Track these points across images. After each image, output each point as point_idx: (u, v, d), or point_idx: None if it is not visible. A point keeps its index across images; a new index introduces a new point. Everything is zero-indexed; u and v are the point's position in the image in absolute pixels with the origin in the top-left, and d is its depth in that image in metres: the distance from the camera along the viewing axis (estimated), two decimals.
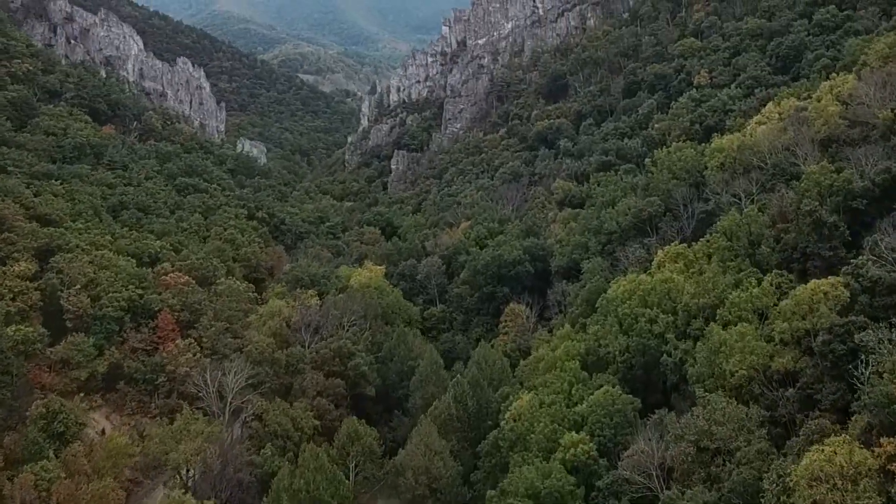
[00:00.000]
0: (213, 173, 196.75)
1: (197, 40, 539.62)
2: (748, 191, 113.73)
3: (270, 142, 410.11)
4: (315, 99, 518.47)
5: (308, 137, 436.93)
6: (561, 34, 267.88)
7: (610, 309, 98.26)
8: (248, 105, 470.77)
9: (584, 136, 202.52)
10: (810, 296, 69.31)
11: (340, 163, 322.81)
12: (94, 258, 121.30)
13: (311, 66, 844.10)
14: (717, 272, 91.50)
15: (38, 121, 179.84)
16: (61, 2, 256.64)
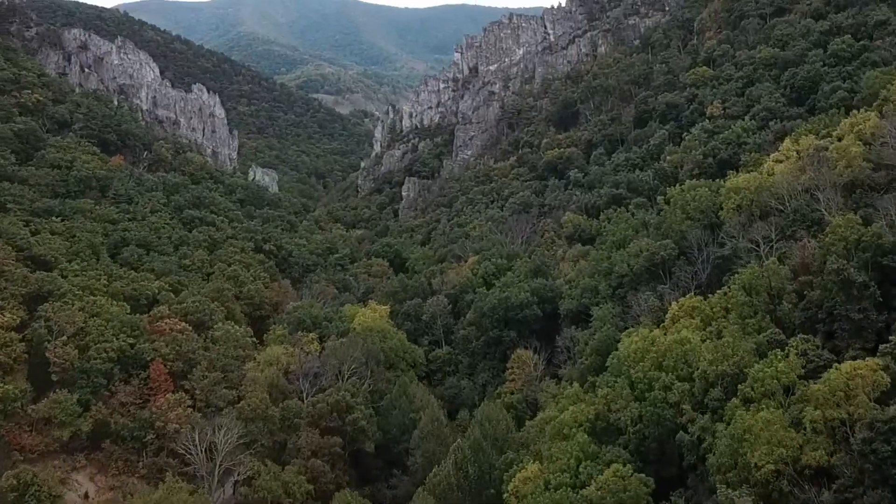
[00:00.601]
0: (220, 205, 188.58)
1: (217, 64, 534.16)
2: (767, 237, 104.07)
3: (287, 164, 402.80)
4: (332, 121, 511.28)
5: (324, 160, 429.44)
6: (572, 61, 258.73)
7: (621, 370, 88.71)
8: (267, 128, 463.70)
9: (595, 166, 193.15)
10: (846, 381, 59.50)
11: (353, 188, 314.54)
12: (85, 305, 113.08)
13: (332, 86, 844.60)
14: (737, 335, 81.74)
15: (45, 153, 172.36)
16: (76, 30, 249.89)
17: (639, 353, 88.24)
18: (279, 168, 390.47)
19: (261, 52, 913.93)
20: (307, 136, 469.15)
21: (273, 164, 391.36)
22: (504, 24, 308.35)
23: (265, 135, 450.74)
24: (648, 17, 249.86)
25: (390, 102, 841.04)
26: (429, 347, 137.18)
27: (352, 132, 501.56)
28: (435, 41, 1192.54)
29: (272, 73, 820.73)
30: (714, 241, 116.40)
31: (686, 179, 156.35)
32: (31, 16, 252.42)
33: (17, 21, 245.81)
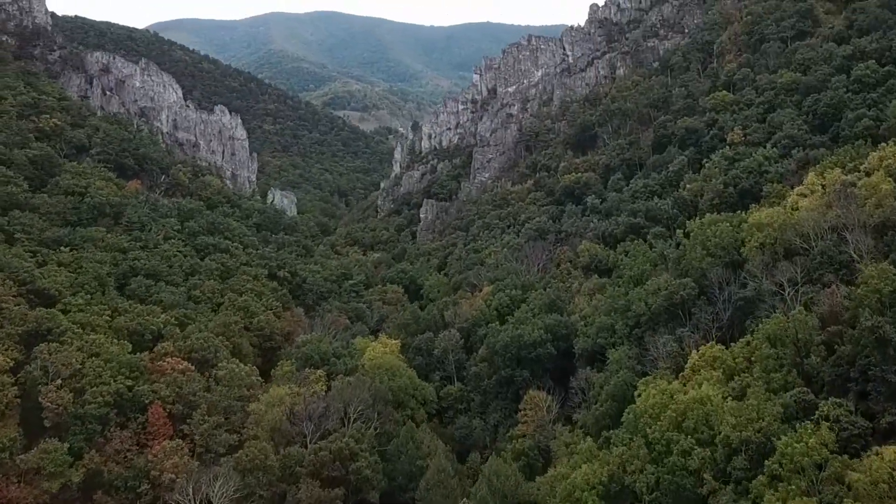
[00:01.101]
0: (235, 230, 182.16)
1: (244, 83, 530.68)
2: (792, 279, 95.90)
3: (310, 183, 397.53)
4: (355, 139, 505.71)
5: (347, 178, 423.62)
6: (590, 83, 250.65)
7: (638, 426, 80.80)
8: (292, 146, 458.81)
9: (612, 191, 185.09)
10: (889, 471, 51.38)
11: (373, 208, 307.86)
12: (84, 344, 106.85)
13: (358, 103, 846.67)
14: (762, 396, 73.69)
15: (59, 179, 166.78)
16: (98, 53, 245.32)
17: (656, 409, 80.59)
18: (302, 186, 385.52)
19: (290, 69, 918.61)
20: (331, 155, 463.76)
21: (296, 183, 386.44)
22: (523, 46, 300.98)
23: (290, 153, 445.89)
24: (668, 40, 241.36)
25: (414, 119, 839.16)
26: (440, 383, 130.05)
27: (375, 150, 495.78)
28: (459, 58, 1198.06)
29: (301, 90, 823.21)
30: (735, 280, 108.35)
31: (706, 209, 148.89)
32: (54, 38, 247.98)
33: (41, 44, 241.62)
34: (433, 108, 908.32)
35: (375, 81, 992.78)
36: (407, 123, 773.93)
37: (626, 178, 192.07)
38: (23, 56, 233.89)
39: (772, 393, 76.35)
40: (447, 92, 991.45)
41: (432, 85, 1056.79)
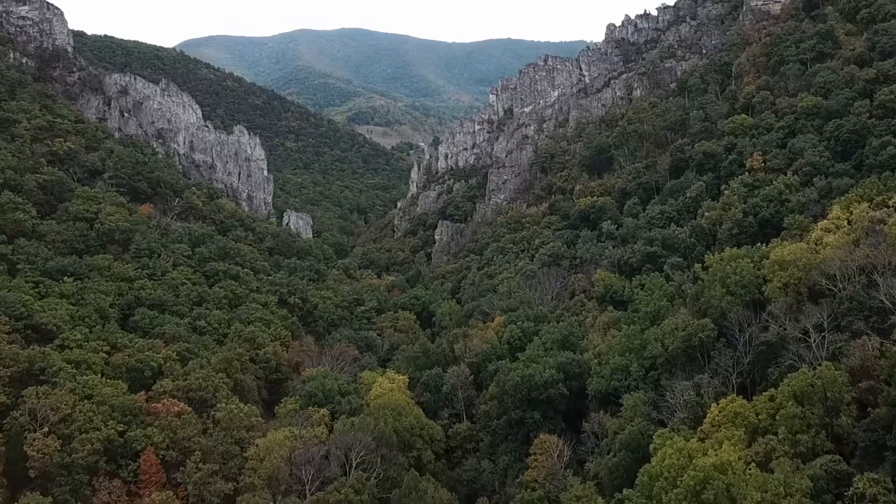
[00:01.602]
0: (246, 256, 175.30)
1: (267, 101, 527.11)
2: (818, 325, 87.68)
3: (330, 200, 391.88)
4: (375, 156, 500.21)
5: (366, 195, 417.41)
6: (606, 104, 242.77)
7: (653, 491, 72.60)
8: (313, 163, 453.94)
9: (629, 217, 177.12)
10: None
11: (390, 227, 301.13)
12: (76, 386, 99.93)
13: (381, 118, 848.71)
14: (789, 466, 65.56)
15: (69, 205, 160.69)
16: (116, 75, 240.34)
17: (673, 471, 72.26)
18: (322, 204, 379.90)
19: (317, 84, 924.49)
20: (351, 171, 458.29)
21: (317, 201, 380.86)
22: (539, 66, 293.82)
23: (311, 170, 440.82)
24: (685, 61, 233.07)
25: (435, 133, 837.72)
26: (448, 421, 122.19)
27: (394, 167, 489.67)
28: (479, 74, 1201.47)
29: (327, 105, 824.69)
30: (757, 321, 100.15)
31: (725, 239, 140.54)
32: (74, 60, 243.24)
33: (61, 66, 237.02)
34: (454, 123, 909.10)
35: (399, 97, 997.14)
36: (428, 138, 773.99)
37: (642, 203, 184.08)
38: (42, 78, 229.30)
39: (799, 459, 68.26)
40: (468, 106, 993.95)
41: (453, 100, 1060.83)
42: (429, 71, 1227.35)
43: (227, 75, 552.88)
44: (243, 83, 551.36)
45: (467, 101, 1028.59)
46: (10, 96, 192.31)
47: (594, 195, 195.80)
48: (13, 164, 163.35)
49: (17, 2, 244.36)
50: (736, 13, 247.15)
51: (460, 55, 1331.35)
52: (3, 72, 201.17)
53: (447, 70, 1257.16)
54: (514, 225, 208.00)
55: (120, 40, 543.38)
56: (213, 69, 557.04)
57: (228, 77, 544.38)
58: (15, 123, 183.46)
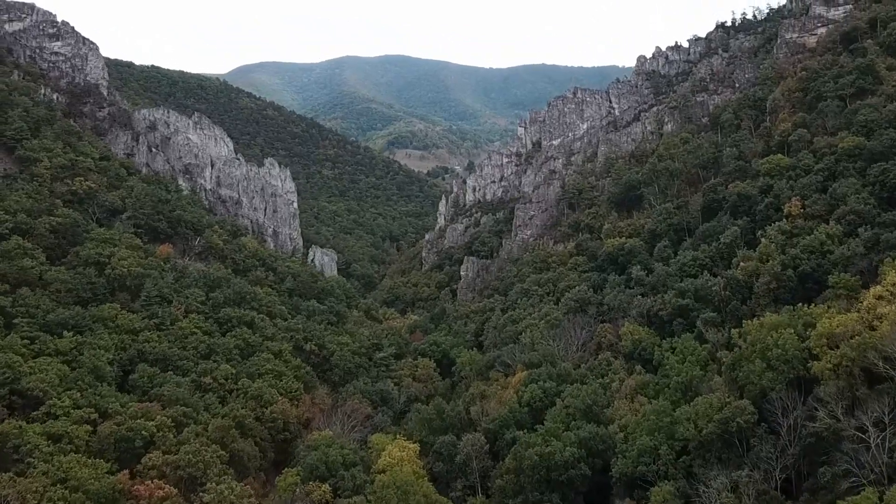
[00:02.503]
0: (263, 300, 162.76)
1: (306, 129, 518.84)
2: (878, 419, 72.69)
3: (363, 228, 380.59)
4: (409, 183, 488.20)
5: (399, 222, 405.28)
6: (636, 139, 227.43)
7: None
8: (349, 191, 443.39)
9: (659, 261, 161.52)
10: None
11: (418, 259, 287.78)
12: (49, 468, 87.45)
13: (420, 142, 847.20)
14: None
15: (81, 248, 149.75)
16: (145, 111, 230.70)
17: None
18: (355, 232, 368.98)
19: (360, 109, 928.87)
20: (385, 198, 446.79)
21: (350, 229, 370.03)
22: (568, 99, 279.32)
23: (346, 197, 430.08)
24: (717, 94, 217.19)
25: (471, 157, 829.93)
26: (462, 493, 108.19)
27: (427, 193, 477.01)
28: (514, 98, 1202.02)
29: (369, 129, 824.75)
30: (802, 403, 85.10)
31: (762, 293, 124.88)
32: (104, 96, 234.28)
33: (91, 102, 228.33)
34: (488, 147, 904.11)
35: (437, 120, 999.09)
36: (464, 161, 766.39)
37: (673, 245, 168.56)
38: (72, 113, 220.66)
39: None
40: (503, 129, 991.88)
41: (490, 123, 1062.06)
42: (466, 95, 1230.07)
43: (268, 104, 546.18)
44: (283, 112, 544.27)
45: (503, 125, 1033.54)
46: (33, 134, 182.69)
47: (623, 235, 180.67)
48: (27, 207, 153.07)
49: (50, 38, 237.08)
50: (770, 46, 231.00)
51: (496, 80, 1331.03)
52: (30, 109, 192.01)
53: (484, 94, 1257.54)
54: (540, 264, 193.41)
55: (166, 71, 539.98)
56: (255, 98, 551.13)
57: (269, 106, 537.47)
58: (35, 162, 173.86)
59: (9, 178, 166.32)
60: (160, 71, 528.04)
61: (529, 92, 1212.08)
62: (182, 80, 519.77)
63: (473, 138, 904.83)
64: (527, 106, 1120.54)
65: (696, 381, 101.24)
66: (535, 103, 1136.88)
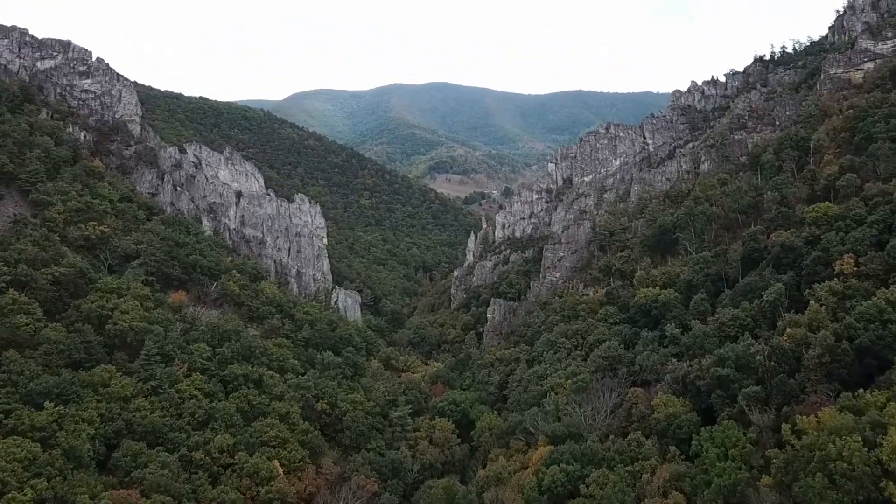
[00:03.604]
0: (273, 354, 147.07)
1: (346, 159, 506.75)
2: None
3: (396, 258, 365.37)
4: (444, 212, 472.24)
5: (433, 252, 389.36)
6: (671, 178, 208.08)
7: None
8: (385, 220, 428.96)
9: (695, 317, 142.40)
10: None
11: (447, 295, 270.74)
12: None
13: (459, 167, 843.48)
14: None
15: (83, 301, 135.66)
16: (171, 149, 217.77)
17: None
18: (388, 263, 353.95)
19: (405, 134, 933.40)
20: (420, 227, 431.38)
21: (383, 260, 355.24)
22: (601, 134, 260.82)
23: (382, 226, 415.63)
24: (756, 132, 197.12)
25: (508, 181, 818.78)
26: None
27: (462, 222, 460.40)
28: (552, 123, 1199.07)
29: (413, 153, 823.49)
30: None
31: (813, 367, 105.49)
32: (132, 133, 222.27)
33: (119, 139, 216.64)
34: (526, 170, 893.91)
35: (477, 145, 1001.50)
36: (501, 185, 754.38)
37: (710, 297, 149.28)
38: (99, 152, 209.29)
39: None
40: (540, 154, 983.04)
41: (527, 147, 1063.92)
42: (506, 120, 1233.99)
43: (310, 134, 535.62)
44: (324, 142, 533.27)
45: (540, 149, 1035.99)
46: (50, 176, 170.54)
47: (656, 284, 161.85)
48: (31, 256, 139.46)
49: (80, 75, 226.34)
50: (812, 81, 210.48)
51: (535, 106, 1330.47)
52: (52, 150, 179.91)
53: (522, 119, 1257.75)
54: (569, 312, 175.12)
55: (213, 102, 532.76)
56: (297, 129, 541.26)
57: (310, 136, 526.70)
58: (48, 206, 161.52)
59: (19, 224, 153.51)
60: (207, 102, 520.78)
61: (566, 117, 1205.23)
62: (228, 110, 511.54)
63: (511, 163, 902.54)
64: (563, 130, 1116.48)
65: (741, 489, 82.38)
66: (572, 127, 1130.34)
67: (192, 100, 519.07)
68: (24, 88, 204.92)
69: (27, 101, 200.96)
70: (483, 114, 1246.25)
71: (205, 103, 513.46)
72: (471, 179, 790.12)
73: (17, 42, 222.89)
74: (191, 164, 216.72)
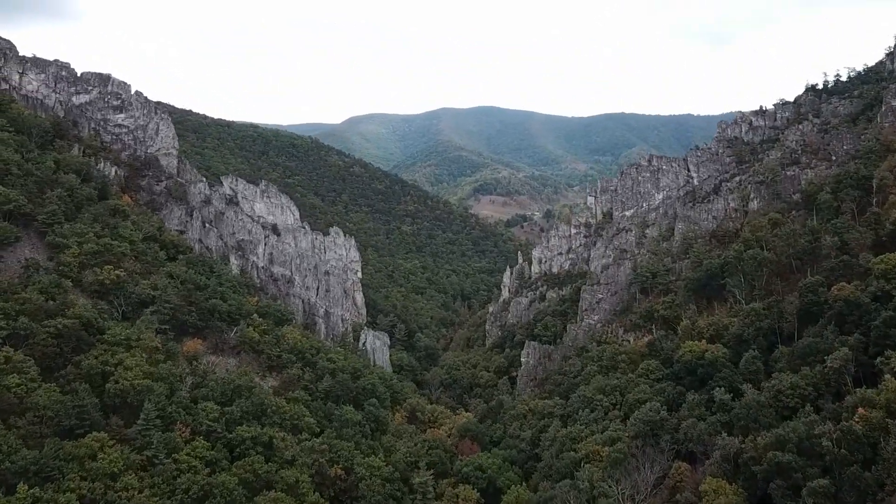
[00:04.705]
0: (287, 413, 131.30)
1: (389, 185, 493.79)
2: None
3: (435, 286, 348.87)
4: (485, 238, 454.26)
5: (472, 279, 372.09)
6: (717, 216, 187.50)
7: None
8: (425, 246, 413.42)
9: (747, 379, 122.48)
10: None
11: (482, 330, 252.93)
12: None
13: (503, 188, 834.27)
14: None
15: (84, 357, 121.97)
16: (200, 185, 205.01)
17: None
18: (427, 292, 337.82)
19: (453, 157, 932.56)
20: (460, 254, 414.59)
21: (422, 288, 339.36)
22: (643, 167, 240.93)
23: (423, 253, 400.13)
24: (811, 168, 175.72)
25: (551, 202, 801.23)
26: None
27: (502, 249, 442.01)
28: (595, 144, 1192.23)
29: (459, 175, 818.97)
30: None
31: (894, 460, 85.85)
32: (163, 168, 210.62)
33: (150, 175, 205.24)
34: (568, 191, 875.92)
35: (521, 167, 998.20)
36: (543, 207, 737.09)
37: (763, 353, 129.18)
38: (129, 188, 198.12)
39: None
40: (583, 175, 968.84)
41: (570, 168, 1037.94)
42: (549, 142, 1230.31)
43: (355, 161, 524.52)
44: (369, 168, 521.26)
45: (582, 170, 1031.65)
46: (69, 216, 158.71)
47: (702, 336, 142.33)
48: (35, 307, 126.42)
49: (114, 109, 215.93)
50: (871, 113, 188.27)
51: (578, 128, 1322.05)
52: (75, 188, 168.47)
53: (566, 141, 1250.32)
54: (607, 362, 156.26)
55: (262, 129, 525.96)
56: (344, 156, 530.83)
57: (356, 163, 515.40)
58: (64, 249, 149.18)
59: (30, 269, 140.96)
60: (257, 130, 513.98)
61: (609, 139, 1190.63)
62: (276, 138, 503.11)
63: (553, 184, 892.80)
64: (606, 151, 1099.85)
65: None
66: (614, 149, 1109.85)
67: (242, 127, 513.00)
68: (56, 124, 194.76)
69: (58, 136, 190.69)
70: (527, 136, 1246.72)
71: (254, 131, 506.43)
72: (514, 201, 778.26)
73: (53, 77, 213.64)
74: (221, 199, 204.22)
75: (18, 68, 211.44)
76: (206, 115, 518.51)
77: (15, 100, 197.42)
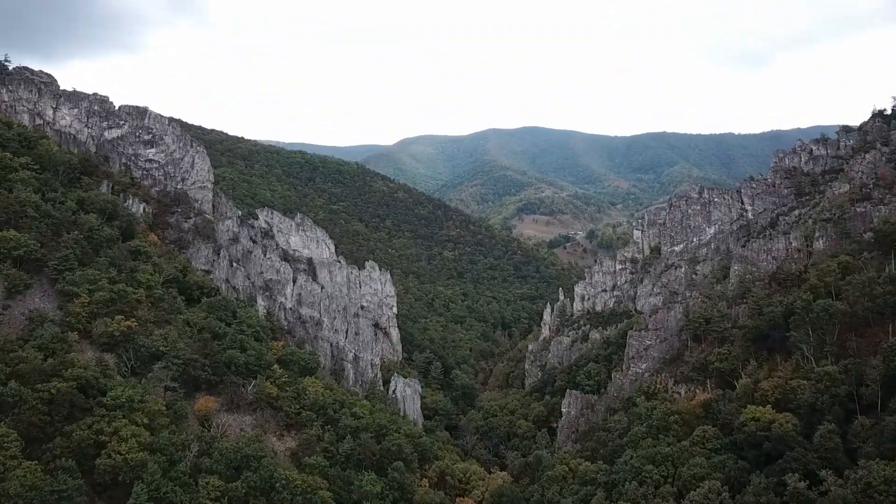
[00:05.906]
0: (298, 487, 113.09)
1: (432, 210, 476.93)
2: None
3: (475, 315, 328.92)
4: (526, 263, 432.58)
5: (513, 307, 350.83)
6: (778, 256, 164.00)
7: None
8: (466, 272, 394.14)
9: (825, 465, 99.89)
10: None
11: (521, 370, 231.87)
12: None
13: (546, 208, 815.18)
14: None
15: (75, 428, 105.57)
16: (228, 222, 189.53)
17: None
18: (466, 321, 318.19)
19: (498, 176, 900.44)
20: (502, 279, 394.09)
21: (461, 318, 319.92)
22: (693, 200, 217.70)
23: (463, 279, 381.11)
24: (884, 205, 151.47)
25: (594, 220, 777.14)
26: None
27: (544, 274, 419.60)
28: (637, 163, 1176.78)
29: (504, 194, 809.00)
30: None
31: None
32: (192, 205, 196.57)
33: (179, 211, 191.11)
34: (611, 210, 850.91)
35: (565, 185, 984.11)
36: (587, 226, 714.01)
37: (840, 423, 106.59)
38: (157, 225, 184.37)
39: None
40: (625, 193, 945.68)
41: (612, 187, 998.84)
42: (592, 160, 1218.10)
43: (400, 186, 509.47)
44: (412, 194, 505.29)
45: (625, 188, 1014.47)
46: (83, 261, 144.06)
47: (766, 400, 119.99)
48: (31, 367, 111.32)
49: (145, 144, 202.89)
50: None
51: (620, 146, 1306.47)
52: (95, 230, 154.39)
53: (608, 160, 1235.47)
54: (658, 423, 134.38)
55: (310, 156, 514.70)
56: (388, 181, 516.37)
57: (400, 188, 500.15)
58: (73, 298, 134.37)
59: (34, 322, 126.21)
60: (305, 156, 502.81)
61: (651, 157, 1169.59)
62: (323, 164, 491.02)
63: (597, 202, 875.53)
64: (648, 170, 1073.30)
65: None
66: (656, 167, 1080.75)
67: (290, 153, 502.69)
68: (84, 160, 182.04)
69: (85, 173, 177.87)
70: (571, 155, 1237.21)
71: (302, 157, 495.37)
72: (557, 220, 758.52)
73: (85, 111, 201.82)
74: (250, 235, 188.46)
75: (52, 103, 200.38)
76: (256, 142, 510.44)
77: (47, 135, 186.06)
